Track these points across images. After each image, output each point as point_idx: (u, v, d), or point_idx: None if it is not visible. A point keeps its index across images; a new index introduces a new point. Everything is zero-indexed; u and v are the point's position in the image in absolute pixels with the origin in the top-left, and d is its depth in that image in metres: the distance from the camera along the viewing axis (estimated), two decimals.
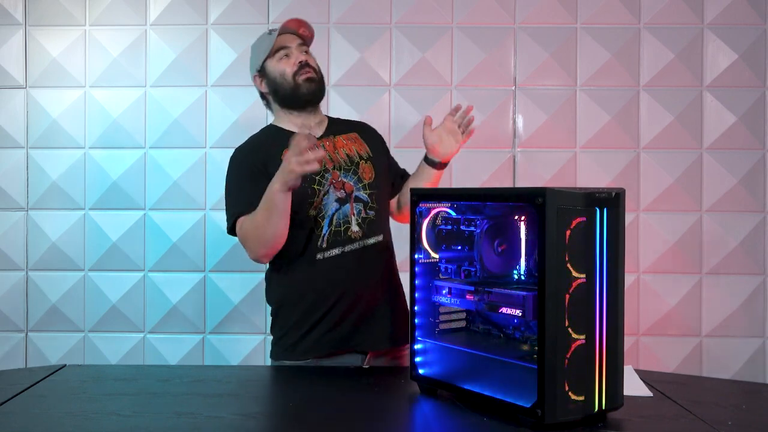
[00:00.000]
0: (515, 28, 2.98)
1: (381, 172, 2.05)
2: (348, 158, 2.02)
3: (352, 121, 2.22)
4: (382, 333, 1.95)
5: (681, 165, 2.95)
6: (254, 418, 1.43)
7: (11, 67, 3.02)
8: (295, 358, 1.95)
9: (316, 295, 1.93)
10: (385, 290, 2.00)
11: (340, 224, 1.94)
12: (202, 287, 3.01)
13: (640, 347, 2.93)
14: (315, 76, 2.03)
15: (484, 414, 1.40)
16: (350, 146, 2.05)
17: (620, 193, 1.38)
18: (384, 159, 2.12)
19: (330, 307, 1.92)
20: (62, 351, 3.01)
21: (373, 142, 2.11)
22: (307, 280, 1.94)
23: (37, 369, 1.81)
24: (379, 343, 1.95)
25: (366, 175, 2.01)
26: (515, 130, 2.98)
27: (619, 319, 1.36)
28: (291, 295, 1.98)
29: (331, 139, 2.04)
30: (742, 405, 1.53)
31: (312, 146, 1.72)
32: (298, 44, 2.06)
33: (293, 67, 2.01)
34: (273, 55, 2.04)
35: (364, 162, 2.03)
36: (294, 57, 2.03)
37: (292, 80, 2.01)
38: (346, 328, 1.93)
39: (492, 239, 1.48)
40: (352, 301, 1.92)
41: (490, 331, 1.55)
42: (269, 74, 2.05)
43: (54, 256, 3.02)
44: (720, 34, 2.94)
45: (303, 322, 1.95)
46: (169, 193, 3.00)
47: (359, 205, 1.96)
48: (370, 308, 1.94)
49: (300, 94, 2.01)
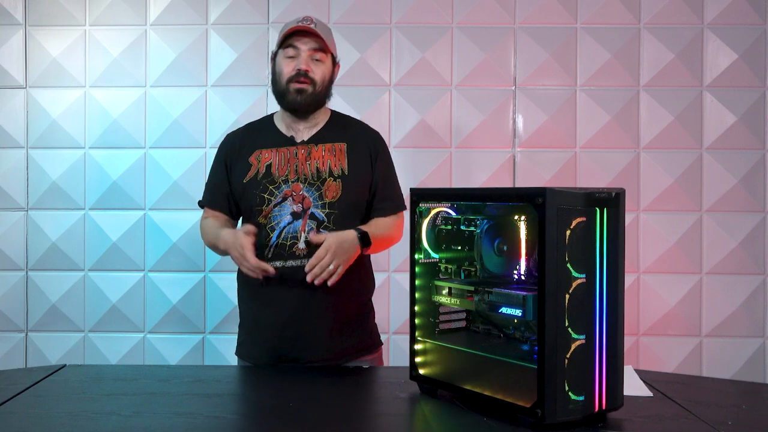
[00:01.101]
0: (515, 28, 2.98)
1: (352, 191, 1.95)
2: (316, 172, 1.94)
3: (353, 126, 2.09)
4: (316, 347, 1.92)
5: (681, 165, 2.95)
6: (254, 418, 1.43)
7: (11, 67, 3.02)
8: (243, 357, 2.03)
9: (255, 302, 1.99)
10: (327, 307, 1.92)
11: (288, 238, 1.92)
12: (202, 287, 3.01)
13: (640, 347, 2.93)
14: (308, 89, 1.94)
15: (484, 414, 1.40)
16: (326, 159, 1.96)
17: (620, 193, 1.38)
18: (365, 177, 1.99)
19: (267, 317, 1.95)
20: (62, 351, 3.01)
21: (359, 157, 1.99)
22: (251, 286, 1.98)
23: (37, 369, 1.81)
24: (312, 356, 1.92)
25: (329, 194, 1.93)
26: (515, 130, 2.98)
27: (619, 319, 1.36)
28: (242, 293, 2.06)
29: (310, 147, 1.97)
30: (742, 405, 1.53)
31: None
32: (312, 48, 1.95)
33: (291, 72, 1.95)
34: (284, 49, 1.97)
35: (333, 179, 1.94)
36: (297, 61, 1.94)
37: (285, 85, 1.95)
38: (279, 339, 1.93)
39: (492, 239, 1.48)
40: (287, 316, 1.92)
41: (490, 331, 1.55)
42: (275, 65, 2.01)
43: (54, 256, 3.02)
44: (720, 34, 2.94)
45: (245, 324, 2.04)
46: (169, 193, 3.00)
47: (312, 223, 1.91)
48: (306, 323, 1.91)
49: (287, 100, 1.97)
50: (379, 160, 2.03)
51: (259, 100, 3.00)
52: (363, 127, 2.10)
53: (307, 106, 1.97)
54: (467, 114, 2.98)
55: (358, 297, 2.01)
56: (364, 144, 2.02)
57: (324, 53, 1.97)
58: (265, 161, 1.98)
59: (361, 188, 1.98)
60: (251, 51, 3.00)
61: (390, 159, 2.08)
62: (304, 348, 1.92)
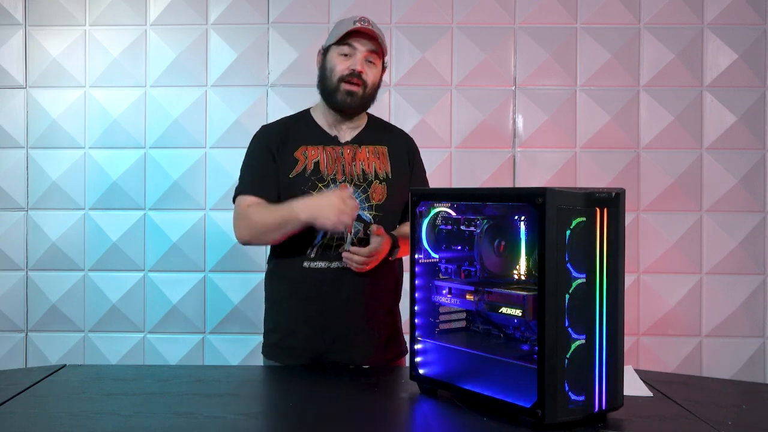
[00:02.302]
0: (515, 28, 2.98)
1: (396, 194, 1.96)
2: (363, 174, 1.95)
3: (391, 130, 2.11)
4: (357, 352, 1.91)
5: (681, 165, 2.95)
6: (254, 418, 1.43)
7: (11, 67, 3.02)
8: (273, 358, 1.98)
9: (297, 302, 1.94)
10: (368, 312, 1.92)
11: (334, 239, 1.90)
12: (202, 287, 3.01)
13: (640, 347, 2.93)
14: (359, 92, 1.92)
15: (484, 414, 1.40)
16: (370, 161, 1.97)
17: (620, 193, 1.38)
18: (405, 181, 2.01)
19: (308, 317, 1.92)
20: (62, 351, 3.01)
21: (399, 161, 2.01)
22: (291, 285, 1.94)
23: (37, 369, 1.81)
24: (351, 360, 1.90)
25: (376, 196, 1.94)
26: (515, 130, 2.98)
27: (619, 319, 1.36)
28: (278, 294, 2.00)
29: (354, 148, 1.97)
30: (742, 405, 1.53)
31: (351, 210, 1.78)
32: (369, 49, 1.92)
33: (345, 71, 1.91)
34: (339, 45, 1.93)
35: (379, 182, 1.95)
36: (352, 61, 1.92)
37: (336, 83, 1.92)
38: (318, 342, 1.91)
39: (492, 239, 1.48)
40: (328, 317, 1.90)
41: (490, 331, 1.55)
42: (326, 61, 1.97)
43: (54, 256, 3.02)
44: (720, 34, 2.94)
45: (284, 325, 1.97)
46: (169, 193, 3.00)
47: (359, 225, 1.90)
48: (347, 327, 1.91)
49: (335, 99, 1.94)
50: (415, 166, 2.06)
51: (259, 100, 3.00)
52: (399, 132, 2.12)
53: (356, 108, 1.96)
54: (467, 114, 2.98)
55: (392, 302, 2.03)
56: (402, 148, 2.05)
57: (378, 57, 1.96)
58: (312, 158, 1.95)
59: (403, 192, 1.97)
60: (251, 51, 3.00)
61: (422, 165, 2.11)
62: (344, 350, 1.90)
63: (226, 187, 2.91)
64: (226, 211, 2.93)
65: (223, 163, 2.98)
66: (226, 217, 2.91)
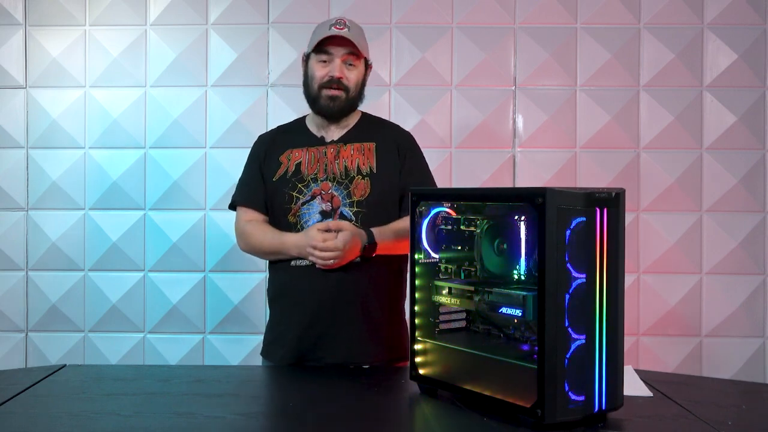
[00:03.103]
0: (515, 28, 2.98)
1: (381, 191, 1.95)
2: (345, 171, 1.95)
3: (383, 126, 2.10)
4: (343, 351, 1.90)
5: (681, 165, 2.95)
6: (254, 418, 1.43)
7: (11, 67, 3.02)
8: (268, 358, 2.00)
9: (289, 299, 1.96)
10: (356, 309, 1.92)
11: None
12: (202, 287, 3.01)
13: (640, 347, 2.93)
14: (341, 95, 1.94)
15: (484, 414, 1.40)
16: (354, 158, 1.96)
17: (620, 193, 1.37)
18: (394, 176, 1.98)
19: (299, 315, 1.93)
20: (62, 351, 3.01)
21: (387, 155, 1.99)
22: (284, 284, 1.97)
23: (37, 369, 1.81)
24: (335, 358, 1.90)
25: (357, 192, 1.93)
26: (515, 130, 2.98)
27: (619, 319, 1.36)
28: (274, 292, 2.03)
29: (339, 146, 1.98)
30: (742, 405, 1.53)
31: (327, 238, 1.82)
32: (346, 53, 1.94)
33: (324, 78, 1.94)
34: (317, 53, 1.95)
35: (361, 177, 1.94)
36: (331, 68, 1.94)
37: (317, 90, 1.95)
38: (307, 339, 1.92)
39: (492, 239, 1.48)
40: (317, 314, 1.91)
41: (490, 331, 1.55)
42: (307, 67, 1.99)
43: (54, 256, 3.02)
44: (720, 34, 2.94)
45: (278, 324, 2.00)
46: (169, 193, 3.00)
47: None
48: (334, 324, 1.90)
49: (319, 105, 1.97)
50: (408, 159, 2.02)
51: (259, 100, 3.00)
52: (393, 127, 2.11)
53: (340, 112, 1.98)
54: (467, 114, 2.98)
55: (388, 302, 1.99)
56: (393, 143, 2.02)
57: (357, 58, 1.97)
58: (294, 160, 1.98)
59: (389, 187, 1.97)
60: (251, 51, 3.00)
61: (422, 159, 2.07)
62: (326, 349, 1.91)
63: (226, 187, 2.91)
64: (226, 211, 2.91)
65: (223, 163, 2.99)
66: (226, 217, 2.91)
